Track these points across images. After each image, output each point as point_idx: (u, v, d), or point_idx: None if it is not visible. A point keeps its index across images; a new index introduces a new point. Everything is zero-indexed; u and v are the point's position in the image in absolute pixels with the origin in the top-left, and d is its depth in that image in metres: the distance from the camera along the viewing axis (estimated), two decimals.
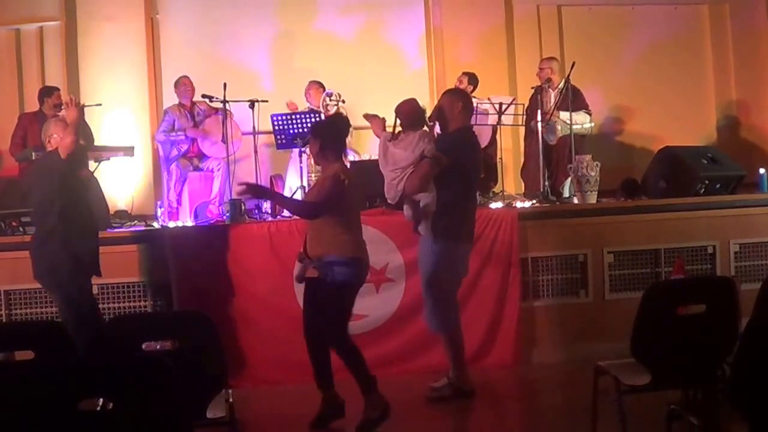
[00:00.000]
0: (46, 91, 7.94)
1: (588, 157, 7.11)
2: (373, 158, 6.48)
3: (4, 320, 6.18)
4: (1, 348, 4.56)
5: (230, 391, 4.12)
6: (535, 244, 6.59)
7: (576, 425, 4.95)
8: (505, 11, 9.67)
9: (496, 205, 6.81)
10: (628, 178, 7.75)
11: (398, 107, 5.68)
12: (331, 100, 7.98)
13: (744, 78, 9.99)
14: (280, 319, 6.05)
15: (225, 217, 6.76)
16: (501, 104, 7.46)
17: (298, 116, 7.86)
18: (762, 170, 7.68)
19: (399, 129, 5.65)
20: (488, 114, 7.60)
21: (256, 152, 7.55)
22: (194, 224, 7.02)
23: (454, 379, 5.56)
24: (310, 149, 5.32)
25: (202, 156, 8.18)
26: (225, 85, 7.25)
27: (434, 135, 6.51)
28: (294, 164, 7.96)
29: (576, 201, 7.14)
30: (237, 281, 6.19)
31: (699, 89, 10.03)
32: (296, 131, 7.59)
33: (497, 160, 7.75)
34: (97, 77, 8.93)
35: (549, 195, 7.43)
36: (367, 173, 6.43)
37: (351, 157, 7.71)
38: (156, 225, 7.00)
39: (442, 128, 5.73)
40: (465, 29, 9.54)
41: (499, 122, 7.56)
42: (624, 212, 6.93)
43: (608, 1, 9.96)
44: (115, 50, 8.96)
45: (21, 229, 6.52)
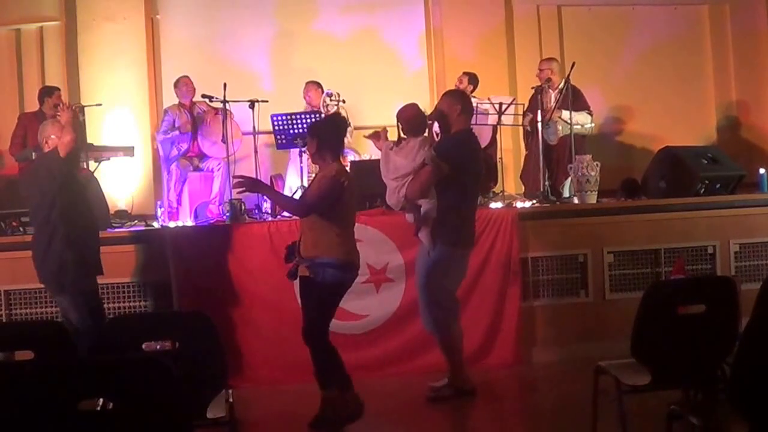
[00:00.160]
0: (47, 91, 7.94)
1: (588, 157, 7.11)
2: (374, 158, 6.49)
3: (4, 320, 6.18)
4: (1, 348, 4.56)
5: (230, 391, 4.12)
6: (535, 244, 6.59)
7: (576, 425, 4.94)
8: (505, 11, 9.67)
9: (496, 205, 6.81)
10: (628, 178, 7.75)
11: (399, 112, 5.67)
12: (332, 100, 7.98)
13: (744, 78, 9.99)
14: (280, 319, 6.05)
15: (225, 217, 6.77)
16: (501, 104, 7.46)
17: (298, 116, 7.86)
18: (762, 170, 7.68)
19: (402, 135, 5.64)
20: (488, 114, 7.60)
21: (256, 152, 7.55)
22: (194, 224, 7.02)
23: (453, 379, 5.56)
24: (308, 149, 5.31)
25: (202, 156, 8.18)
26: (225, 85, 7.25)
27: (434, 136, 6.52)
28: (294, 164, 7.97)
29: (576, 201, 7.14)
30: (237, 281, 6.20)
31: (699, 89, 10.03)
32: (296, 131, 7.59)
33: (497, 160, 7.75)
34: (97, 77, 8.93)
35: (549, 195, 7.43)
36: (367, 173, 6.43)
37: (351, 157, 7.71)
38: (156, 225, 7.00)
39: (443, 130, 5.72)
40: (465, 29, 9.54)
41: (499, 122, 7.56)
42: (624, 212, 6.93)
43: (608, 1, 9.96)
44: (115, 50, 8.97)
45: (21, 229, 6.52)
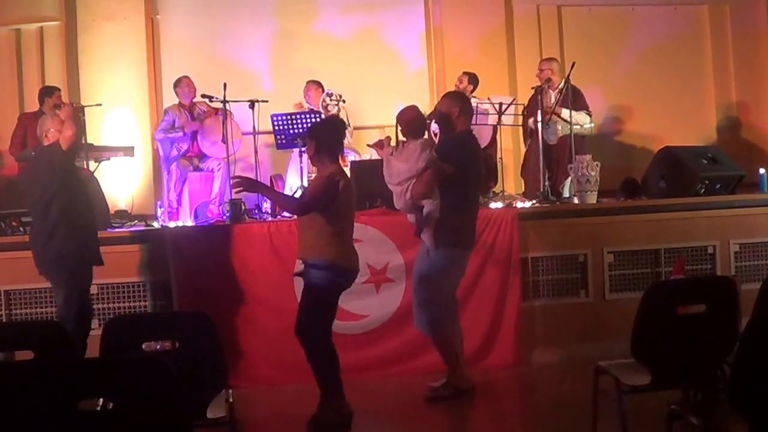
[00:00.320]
0: (47, 91, 7.94)
1: (588, 157, 7.10)
2: (374, 158, 6.49)
3: (4, 320, 6.18)
4: (1, 348, 4.56)
5: (230, 391, 4.12)
6: (535, 244, 6.59)
7: (576, 425, 4.94)
8: (505, 11, 9.68)
9: (496, 205, 6.81)
10: (628, 178, 7.75)
11: (399, 115, 5.67)
12: (332, 100, 7.98)
13: (744, 78, 9.99)
14: (281, 319, 6.03)
15: (225, 217, 6.76)
16: (501, 104, 7.46)
17: (298, 116, 7.87)
18: (762, 170, 7.68)
19: (401, 138, 5.64)
20: (488, 114, 7.60)
21: (256, 152, 7.56)
22: (194, 224, 7.02)
23: (451, 379, 5.56)
24: (307, 151, 5.32)
25: (203, 156, 8.18)
26: (225, 85, 7.25)
27: (432, 136, 6.52)
28: (294, 164, 7.97)
29: (576, 201, 7.14)
30: (237, 281, 6.19)
31: (699, 89, 10.03)
32: (296, 131, 7.59)
33: (497, 160, 7.75)
34: (97, 77, 8.93)
35: (549, 195, 7.43)
36: (367, 173, 6.44)
37: (351, 157, 7.71)
38: (156, 225, 7.01)
39: (443, 132, 5.72)
40: (465, 29, 9.54)
41: (499, 122, 7.56)
42: (624, 212, 6.93)
43: (608, 1, 9.96)
44: (115, 50, 8.97)
45: (21, 229, 6.52)
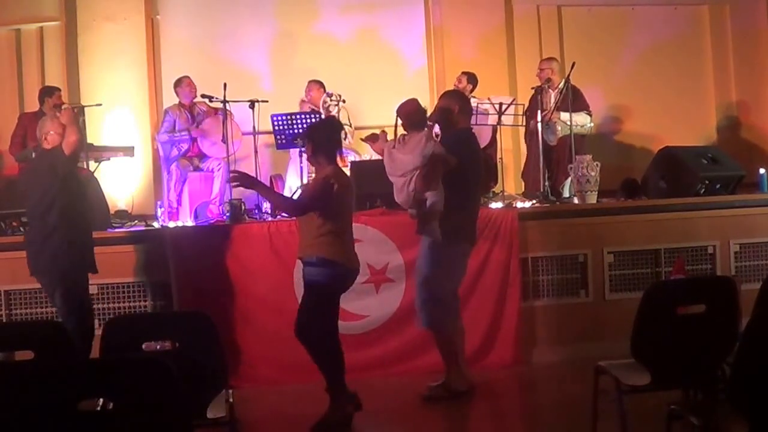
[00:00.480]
0: (47, 91, 7.93)
1: (588, 157, 7.10)
2: (374, 159, 6.49)
3: (4, 320, 6.18)
4: (1, 348, 4.56)
5: (230, 391, 4.12)
6: (535, 244, 6.59)
7: (576, 425, 4.94)
8: (505, 11, 9.67)
9: (496, 205, 6.81)
10: (628, 178, 7.75)
11: (399, 108, 5.68)
12: (332, 100, 7.99)
13: (744, 78, 9.99)
14: (281, 319, 6.03)
15: (225, 217, 6.76)
16: (501, 104, 7.45)
17: (298, 116, 7.87)
18: (762, 170, 7.67)
19: (402, 132, 5.64)
20: (488, 114, 7.60)
21: (256, 152, 7.56)
22: (194, 224, 7.02)
23: (448, 380, 5.56)
24: (306, 151, 5.33)
25: (203, 156, 8.18)
26: (225, 85, 7.25)
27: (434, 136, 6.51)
28: (294, 164, 7.97)
29: (576, 201, 7.14)
30: (237, 281, 6.19)
31: (699, 89, 10.03)
32: (296, 131, 7.59)
33: (497, 160, 7.75)
34: (97, 77, 8.93)
35: (549, 195, 7.43)
36: (367, 174, 6.44)
37: (351, 158, 7.70)
38: (156, 225, 7.00)
39: (442, 130, 5.73)
40: (465, 29, 9.54)
41: (499, 122, 7.56)
42: (624, 212, 6.93)
43: (608, 2, 9.96)
44: (115, 50, 8.97)
45: (21, 229, 6.52)
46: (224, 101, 7.36)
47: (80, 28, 9.01)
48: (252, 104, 7.42)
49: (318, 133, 5.16)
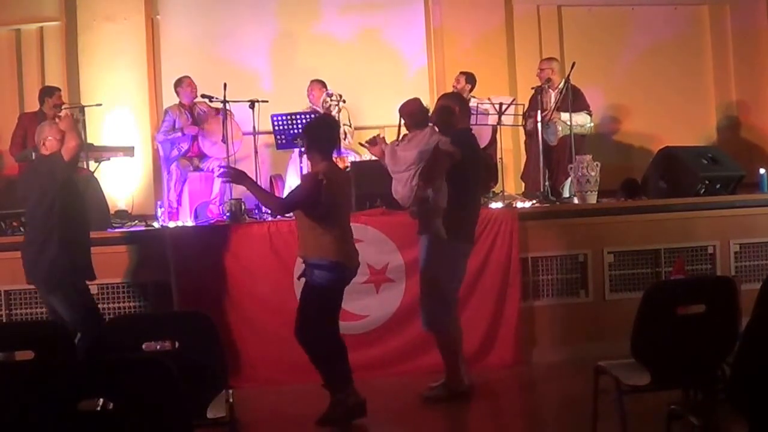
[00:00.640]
0: (47, 91, 7.94)
1: (588, 158, 7.10)
2: (374, 159, 6.48)
3: (4, 320, 6.18)
4: (1, 348, 4.56)
5: (230, 391, 4.12)
6: (535, 244, 6.59)
7: (576, 425, 4.95)
8: (505, 11, 9.68)
9: (496, 205, 6.81)
10: (628, 178, 7.74)
11: (402, 107, 5.68)
12: (332, 100, 7.99)
13: (744, 78, 9.99)
14: (281, 319, 6.03)
15: (225, 217, 6.76)
16: (501, 104, 7.45)
17: (299, 116, 7.87)
18: (762, 170, 7.67)
19: (405, 132, 5.65)
20: (488, 114, 7.60)
21: (257, 152, 7.56)
22: (194, 224, 7.01)
23: (448, 381, 5.56)
24: (304, 150, 5.35)
25: (203, 156, 8.18)
26: (225, 85, 7.25)
27: None
28: (294, 164, 7.96)
29: (576, 201, 7.14)
30: (237, 281, 6.19)
31: (699, 89, 10.03)
32: (296, 131, 7.59)
33: (497, 160, 7.75)
34: (97, 77, 8.94)
35: (549, 195, 7.43)
36: (367, 174, 6.44)
37: (351, 158, 7.71)
38: (156, 225, 7.00)
39: (442, 131, 5.73)
40: (465, 29, 9.55)
41: (499, 122, 7.55)
42: (624, 212, 6.93)
43: (608, 2, 9.96)
44: (115, 50, 8.98)
45: (21, 229, 6.51)
46: (224, 101, 7.37)
47: (80, 28, 9.02)
48: (252, 104, 7.43)
49: (312, 130, 5.19)
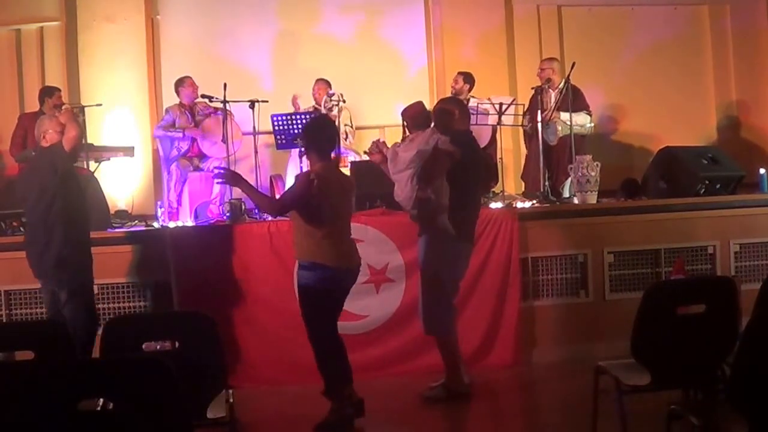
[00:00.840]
0: (47, 91, 7.94)
1: (588, 158, 7.10)
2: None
3: (4, 320, 6.18)
4: (1, 348, 4.56)
5: (231, 391, 4.12)
6: (535, 244, 6.59)
7: (576, 425, 4.95)
8: (505, 11, 9.68)
9: (496, 205, 6.81)
10: (628, 179, 7.74)
11: (405, 111, 5.70)
12: (332, 100, 8.00)
13: (744, 78, 9.99)
14: (281, 319, 6.05)
15: (225, 218, 6.76)
16: (501, 104, 7.45)
17: (298, 116, 7.88)
18: (762, 170, 7.67)
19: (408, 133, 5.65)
20: (488, 114, 7.60)
21: (257, 152, 7.56)
22: (194, 224, 7.01)
23: (447, 381, 5.56)
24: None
25: (203, 156, 8.18)
26: (225, 85, 7.26)
27: None
28: (294, 164, 7.97)
29: (576, 201, 7.14)
30: (237, 281, 6.19)
31: (699, 89, 10.03)
32: (296, 131, 7.59)
33: (497, 160, 7.75)
34: (97, 77, 8.94)
35: (549, 195, 7.43)
36: (367, 174, 6.43)
37: (351, 158, 7.70)
38: (156, 225, 7.00)
39: (442, 132, 5.72)
40: (465, 29, 9.55)
41: (499, 122, 7.56)
42: (624, 212, 6.93)
43: (608, 2, 9.96)
44: (115, 50, 8.98)
45: (21, 229, 6.51)
46: (224, 101, 7.37)
47: (80, 28, 9.03)
48: (252, 104, 7.43)
49: (309, 131, 5.20)
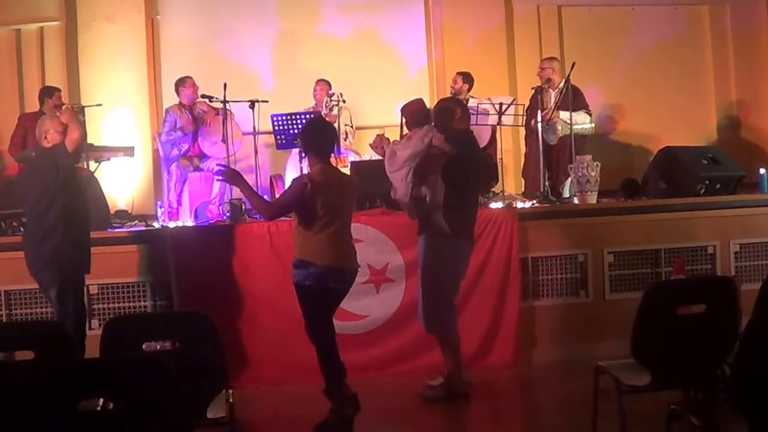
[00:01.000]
0: (47, 92, 7.94)
1: (588, 158, 7.11)
2: (374, 158, 6.49)
3: (4, 320, 6.18)
4: (1, 348, 4.56)
5: (231, 391, 4.12)
6: (535, 244, 6.59)
7: (576, 425, 4.95)
8: (505, 11, 9.68)
9: (496, 205, 6.81)
10: (629, 178, 7.75)
11: (404, 107, 5.71)
12: (333, 101, 8.01)
13: (744, 78, 9.99)
14: (280, 319, 6.04)
15: (225, 217, 6.77)
16: (501, 104, 7.45)
17: (298, 116, 7.87)
18: (762, 170, 7.67)
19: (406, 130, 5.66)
20: (488, 114, 7.60)
21: (257, 152, 7.56)
22: (194, 224, 7.01)
23: (447, 381, 5.56)
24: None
25: (203, 156, 8.18)
26: (225, 86, 7.26)
27: None
28: (293, 164, 7.97)
29: (576, 201, 7.14)
30: (237, 281, 6.19)
31: (699, 89, 10.03)
32: (296, 131, 7.59)
33: (497, 160, 7.75)
34: (97, 77, 8.94)
35: (549, 195, 7.43)
36: (367, 174, 6.43)
37: (351, 158, 7.70)
38: (156, 225, 7.00)
39: (441, 130, 5.72)
40: (465, 29, 9.55)
41: (499, 122, 7.56)
42: (624, 212, 6.93)
43: (608, 2, 9.96)
44: (115, 50, 8.98)
45: (21, 229, 6.51)
46: (224, 101, 7.37)
47: (80, 28, 9.03)
48: (252, 104, 7.43)
49: (306, 133, 5.21)
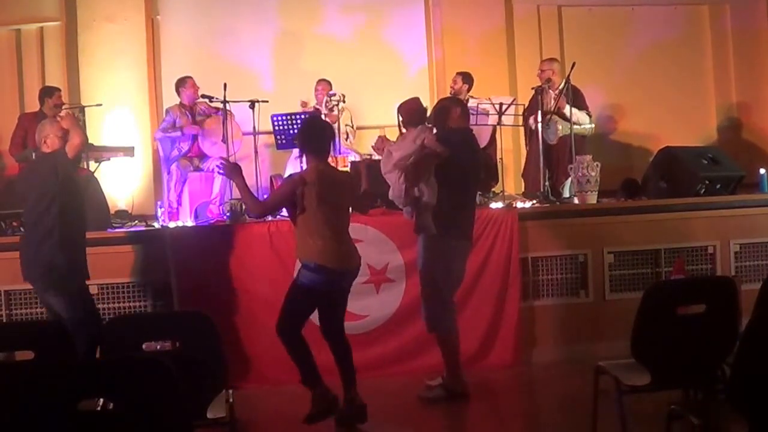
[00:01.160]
0: (47, 92, 7.94)
1: (588, 158, 7.11)
2: (374, 159, 6.49)
3: (4, 320, 6.18)
4: (1, 348, 4.56)
5: (231, 391, 4.12)
6: (535, 244, 6.59)
7: (576, 425, 4.95)
8: (505, 11, 9.69)
9: (496, 205, 6.80)
10: (629, 179, 7.75)
11: (400, 105, 5.71)
12: (333, 101, 8.01)
13: (744, 78, 9.99)
14: None
15: (225, 217, 6.77)
16: (501, 104, 7.45)
17: (299, 116, 7.88)
18: (762, 170, 7.67)
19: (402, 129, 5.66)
20: (488, 114, 7.60)
21: (257, 152, 7.56)
22: (194, 224, 7.01)
23: (447, 381, 5.57)
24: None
25: (203, 156, 8.18)
26: (225, 86, 7.26)
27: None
28: (294, 164, 7.97)
29: (576, 201, 7.14)
30: (237, 281, 6.19)
31: (699, 89, 10.03)
32: (296, 131, 7.58)
33: (497, 160, 7.75)
34: (97, 77, 8.94)
35: (549, 195, 7.43)
36: (368, 174, 6.42)
37: (351, 158, 7.70)
38: (156, 225, 7.00)
39: (439, 128, 5.72)
40: (465, 29, 9.55)
41: (500, 122, 7.55)
42: (624, 212, 6.93)
43: (608, 2, 9.97)
44: (115, 50, 8.99)
45: (21, 229, 6.51)
46: (224, 101, 7.37)
47: (80, 28, 9.03)
48: (252, 104, 7.43)
49: (302, 132, 5.21)
